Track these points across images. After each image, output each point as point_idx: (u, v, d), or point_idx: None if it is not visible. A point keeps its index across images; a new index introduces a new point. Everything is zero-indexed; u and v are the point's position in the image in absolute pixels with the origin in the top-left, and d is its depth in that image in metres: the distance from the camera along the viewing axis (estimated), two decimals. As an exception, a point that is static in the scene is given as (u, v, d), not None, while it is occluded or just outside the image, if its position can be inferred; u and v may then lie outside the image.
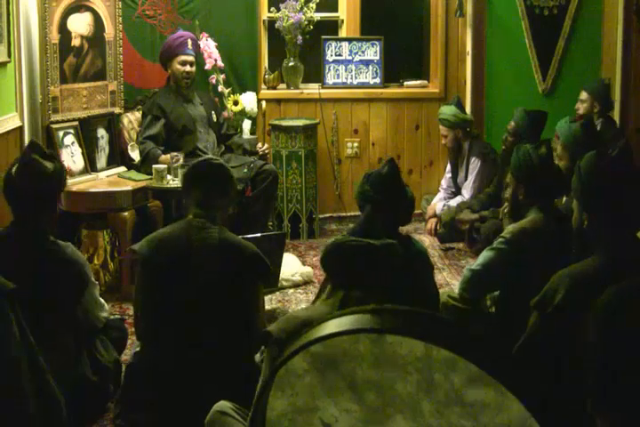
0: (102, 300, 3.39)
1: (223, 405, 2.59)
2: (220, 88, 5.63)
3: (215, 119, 5.47)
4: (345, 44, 6.29)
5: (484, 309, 3.33)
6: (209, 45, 5.55)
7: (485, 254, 3.19)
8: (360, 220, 2.84)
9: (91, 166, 5.04)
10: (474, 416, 1.37)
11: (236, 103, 5.66)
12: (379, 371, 1.44)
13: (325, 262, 2.53)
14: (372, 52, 6.29)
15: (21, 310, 2.48)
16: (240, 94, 5.73)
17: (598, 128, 4.78)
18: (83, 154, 5.00)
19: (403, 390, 1.43)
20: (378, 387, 1.44)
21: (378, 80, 6.32)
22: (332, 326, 1.46)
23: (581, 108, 5.00)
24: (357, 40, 6.30)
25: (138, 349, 3.29)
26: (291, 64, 6.11)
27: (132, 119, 5.45)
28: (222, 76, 5.68)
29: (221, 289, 3.08)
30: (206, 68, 5.57)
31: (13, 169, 3.03)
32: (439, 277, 4.93)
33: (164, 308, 3.11)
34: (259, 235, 4.18)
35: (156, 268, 3.11)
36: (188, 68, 5.29)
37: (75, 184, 4.81)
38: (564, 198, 4.19)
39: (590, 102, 4.97)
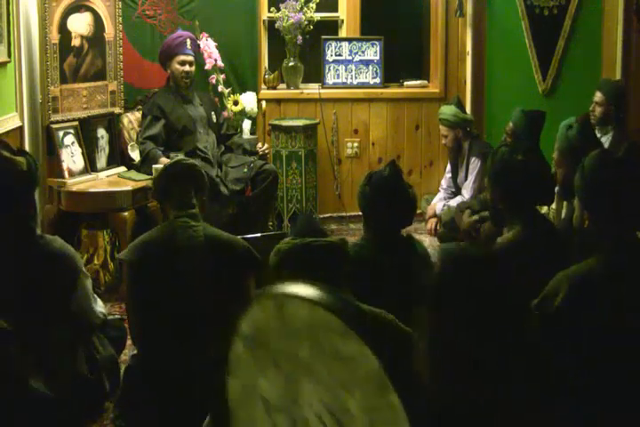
0: (95, 294, 3.38)
1: (221, 407, 2.59)
2: (220, 88, 5.64)
3: (215, 119, 5.47)
4: (345, 44, 6.29)
5: None
6: (209, 45, 5.56)
7: None
8: (302, 218, 2.72)
9: (91, 166, 5.04)
10: (352, 368, 1.45)
11: (236, 103, 5.66)
12: (286, 341, 1.55)
13: (283, 264, 2.42)
14: (372, 52, 6.29)
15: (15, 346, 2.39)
16: (240, 94, 5.73)
17: (610, 134, 4.66)
18: (83, 154, 5.00)
19: (302, 355, 1.52)
20: (288, 356, 1.55)
21: (378, 80, 6.32)
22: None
23: (597, 111, 4.80)
24: (357, 40, 6.30)
25: (135, 351, 3.29)
26: (291, 64, 6.11)
27: (132, 119, 5.45)
28: (222, 76, 5.68)
29: (212, 286, 3.07)
30: (206, 68, 5.57)
31: None
32: (439, 278, 4.92)
33: (157, 310, 3.11)
34: (259, 235, 4.18)
35: (144, 272, 3.12)
36: (187, 67, 5.29)
37: (75, 184, 4.81)
38: (564, 203, 4.16)
39: (606, 105, 4.79)
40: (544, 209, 3.91)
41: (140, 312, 3.17)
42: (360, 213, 3.21)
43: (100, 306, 3.38)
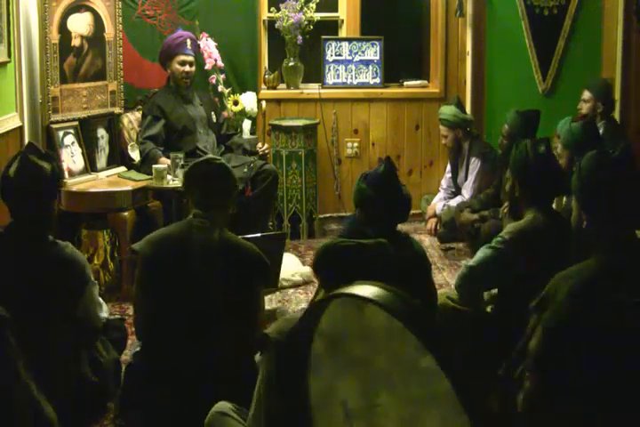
0: (102, 300, 3.39)
1: (223, 405, 2.59)
2: (220, 88, 5.64)
3: (215, 120, 5.47)
4: (345, 44, 6.29)
5: (483, 310, 3.33)
6: (209, 45, 5.55)
7: (483, 252, 3.19)
8: (350, 220, 2.83)
9: (91, 166, 5.04)
10: (428, 384, 1.40)
11: (236, 103, 5.66)
12: (364, 346, 1.49)
13: (317, 266, 2.51)
14: (372, 52, 6.29)
15: (12, 335, 2.38)
16: (240, 94, 5.73)
17: (601, 130, 4.75)
18: (83, 154, 5.00)
19: (380, 363, 1.47)
20: (366, 362, 1.50)
21: (378, 80, 6.32)
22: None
23: (584, 107, 4.95)
24: (357, 40, 6.30)
25: (138, 349, 3.29)
26: (291, 64, 6.11)
27: (132, 119, 5.45)
28: (222, 76, 5.68)
29: (221, 289, 3.08)
30: (206, 68, 5.57)
31: (11, 170, 3.03)
32: (439, 277, 4.93)
33: (164, 308, 3.11)
34: (259, 235, 4.18)
35: (156, 267, 3.11)
36: (187, 68, 5.28)
37: (75, 184, 4.81)
38: (564, 199, 4.18)
39: (593, 102, 4.93)
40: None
41: (147, 308, 3.17)
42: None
43: (104, 311, 3.39)
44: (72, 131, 4.99)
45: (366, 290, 1.48)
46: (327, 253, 2.46)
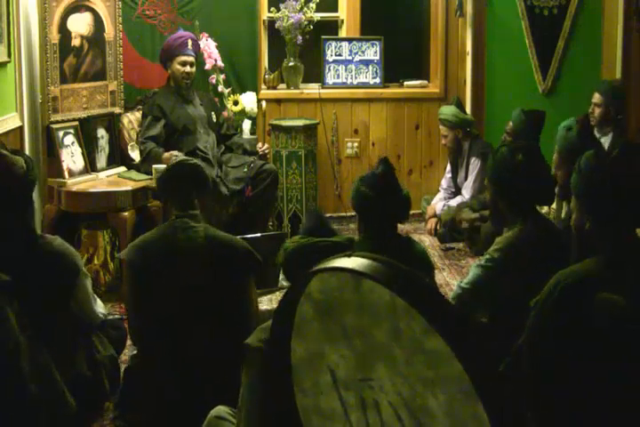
0: (95, 295, 3.37)
1: (220, 410, 2.58)
2: (220, 88, 5.64)
3: (215, 120, 5.47)
4: (345, 44, 6.29)
5: (478, 319, 3.30)
6: (209, 45, 5.56)
7: (474, 272, 3.14)
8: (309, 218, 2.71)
9: (91, 166, 5.04)
10: (434, 366, 1.36)
11: (236, 103, 5.66)
12: (361, 318, 1.45)
13: (288, 271, 2.44)
14: (372, 52, 6.29)
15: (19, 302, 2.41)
16: (240, 94, 5.73)
17: (609, 139, 4.64)
18: (83, 154, 5.00)
19: (379, 337, 1.43)
20: (362, 334, 1.46)
21: (378, 80, 6.32)
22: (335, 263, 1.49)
23: (597, 112, 4.79)
24: (357, 40, 6.30)
25: (135, 351, 3.29)
26: (291, 64, 6.11)
27: (132, 119, 5.45)
28: (222, 76, 5.68)
29: (212, 287, 3.07)
30: (206, 68, 5.57)
31: None
32: (439, 277, 4.93)
33: (157, 311, 3.11)
34: (259, 235, 4.18)
35: (144, 272, 3.11)
36: (187, 68, 5.28)
37: (75, 184, 4.81)
38: (564, 203, 4.15)
39: (605, 106, 4.78)
40: (544, 209, 3.91)
41: (140, 312, 3.17)
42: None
43: (99, 306, 3.37)
44: (72, 131, 4.99)
45: (360, 263, 1.42)
46: (303, 251, 2.37)
